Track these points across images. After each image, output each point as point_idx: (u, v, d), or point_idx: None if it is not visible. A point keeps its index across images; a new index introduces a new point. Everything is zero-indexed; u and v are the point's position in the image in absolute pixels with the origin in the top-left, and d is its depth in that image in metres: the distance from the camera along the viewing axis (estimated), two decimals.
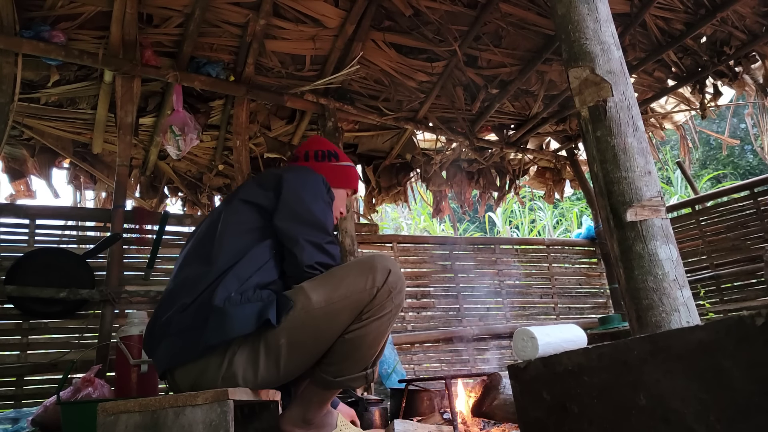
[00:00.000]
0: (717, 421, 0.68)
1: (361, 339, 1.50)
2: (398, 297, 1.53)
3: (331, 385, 1.54)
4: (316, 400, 1.56)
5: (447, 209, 4.70)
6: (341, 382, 1.53)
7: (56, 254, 2.93)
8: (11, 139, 3.20)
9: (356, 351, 1.51)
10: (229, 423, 1.18)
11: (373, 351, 1.54)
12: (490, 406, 1.86)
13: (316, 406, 1.56)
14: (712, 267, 4.31)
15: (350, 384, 1.54)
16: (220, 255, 1.50)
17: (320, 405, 1.57)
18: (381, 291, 1.49)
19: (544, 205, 9.40)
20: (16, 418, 2.36)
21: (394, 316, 1.55)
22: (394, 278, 1.52)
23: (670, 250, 1.25)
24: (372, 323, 1.49)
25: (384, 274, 1.50)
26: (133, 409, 1.24)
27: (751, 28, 3.60)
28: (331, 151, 1.96)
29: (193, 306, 1.44)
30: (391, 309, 1.51)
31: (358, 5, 3.08)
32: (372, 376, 1.57)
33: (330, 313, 1.46)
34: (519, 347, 1.06)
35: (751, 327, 0.65)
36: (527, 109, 4.19)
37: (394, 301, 1.52)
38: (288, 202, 1.59)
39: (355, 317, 1.49)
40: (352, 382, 1.54)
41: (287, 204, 1.59)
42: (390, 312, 1.52)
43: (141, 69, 2.94)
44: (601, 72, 1.36)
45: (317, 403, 1.56)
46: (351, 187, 2.00)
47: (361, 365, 1.54)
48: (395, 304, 1.53)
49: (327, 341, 1.50)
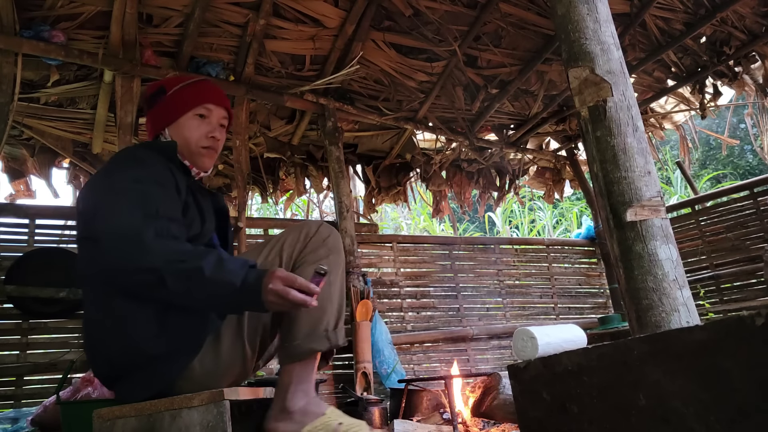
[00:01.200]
0: (717, 422, 0.68)
1: None
2: (333, 242, 1.47)
3: (293, 352, 1.40)
4: (289, 382, 1.41)
5: (447, 209, 4.70)
6: (299, 345, 1.40)
7: (56, 254, 2.93)
8: (11, 139, 3.20)
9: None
10: (226, 423, 1.18)
11: (322, 304, 1.39)
12: (490, 406, 1.86)
13: (292, 390, 1.40)
14: (712, 267, 4.31)
15: (313, 345, 1.40)
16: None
17: (296, 389, 1.40)
18: (313, 238, 1.46)
19: (544, 205, 9.40)
20: (15, 417, 2.36)
21: (336, 264, 1.46)
22: (326, 229, 1.49)
23: (669, 250, 1.25)
24: (307, 268, 1.41)
25: (316, 226, 1.49)
26: (128, 414, 1.24)
27: (751, 28, 3.60)
28: (154, 92, 1.63)
29: None
30: (327, 255, 1.44)
31: (358, 5, 3.08)
32: (335, 338, 1.43)
33: (266, 268, 1.36)
34: (519, 347, 1.06)
35: (751, 327, 0.65)
36: (527, 109, 4.19)
37: (329, 245, 1.46)
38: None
39: (292, 268, 1.43)
40: (314, 343, 1.40)
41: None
42: (326, 258, 1.43)
43: (141, 69, 2.94)
44: (600, 72, 1.36)
45: (293, 386, 1.40)
46: (198, 103, 1.59)
47: (317, 322, 1.41)
48: (331, 251, 1.46)
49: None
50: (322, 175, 4.05)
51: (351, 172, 4.31)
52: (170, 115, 1.59)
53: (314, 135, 3.88)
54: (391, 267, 4.13)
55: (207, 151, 1.61)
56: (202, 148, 1.59)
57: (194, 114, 1.59)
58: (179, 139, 1.57)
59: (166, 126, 1.59)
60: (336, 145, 3.55)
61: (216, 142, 1.62)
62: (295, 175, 4.02)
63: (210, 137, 1.60)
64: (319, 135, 3.78)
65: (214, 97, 1.63)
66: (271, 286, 1.21)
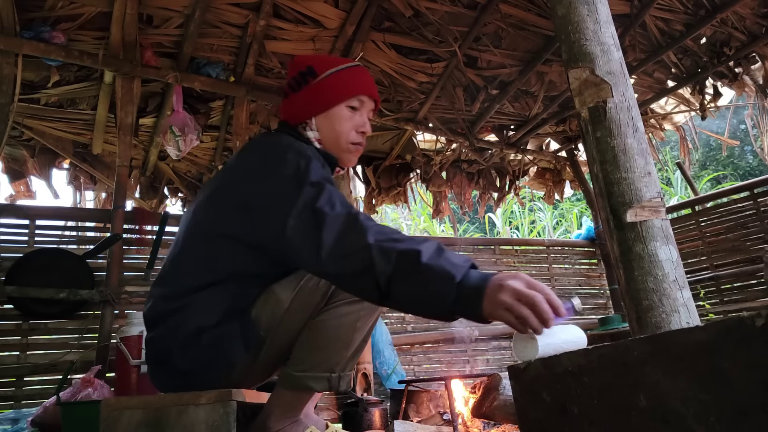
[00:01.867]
0: (717, 422, 0.68)
1: (325, 324, 1.33)
2: None
3: (291, 381, 1.36)
4: (278, 403, 1.38)
5: (447, 210, 4.70)
6: (300, 378, 1.34)
7: (56, 255, 2.93)
8: (11, 140, 3.20)
9: (319, 339, 1.34)
10: (231, 424, 1.18)
11: (339, 346, 1.33)
12: (490, 407, 1.86)
13: (278, 411, 1.37)
14: (712, 268, 4.31)
15: (310, 383, 1.34)
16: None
17: (283, 411, 1.37)
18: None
19: (544, 206, 9.40)
20: (15, 418, 2.36)
21: (368, 311, 1.35)
22: None
23: (670, 250, 1.24)
24: (342, 306, 1.32)
25: None
26: (136, 406, 1.25)
27: (751, 29, 3.60)
28: (303, 71, 1.46)
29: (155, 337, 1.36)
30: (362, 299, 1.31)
31: (358, 6, 3.08)
32: (337, 383, 1.35)
33: (301, 300, 1.32)
34: (519, 348, 1.06)
35: (751, 328, 0.65)
36: (527, 109, 4.19)
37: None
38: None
39: (325, 304, 1.34)
40: (312, 382, 1.34)
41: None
42: (360, 302, 1.32)
43: (141, 70, 2.94)
44: (601, 73, 1.36)
45: (281, 407, 1.38)
46: (352, 94, 1.46)
47: (326, 362, 1.35)
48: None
49: (300, 327, 1.36)
50: None
51: (351, 172, 4.31)
52: (321, 104, 1.45)
53: None
54: None
55: (356, 147, 1.50)
56: (352, 144, 1.48)
57: (347, 105, 1.46)
58: (328, 131, 1.45)
59: (314, 115, 1.45)
60: None
61: (365, 137, 1.51)
62: None
63: (360, 132, 1.49)
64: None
65: (369, 88, 1.51)
66: (502, 293, 0.97)
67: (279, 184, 1.23)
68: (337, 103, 1.45)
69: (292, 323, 1.36)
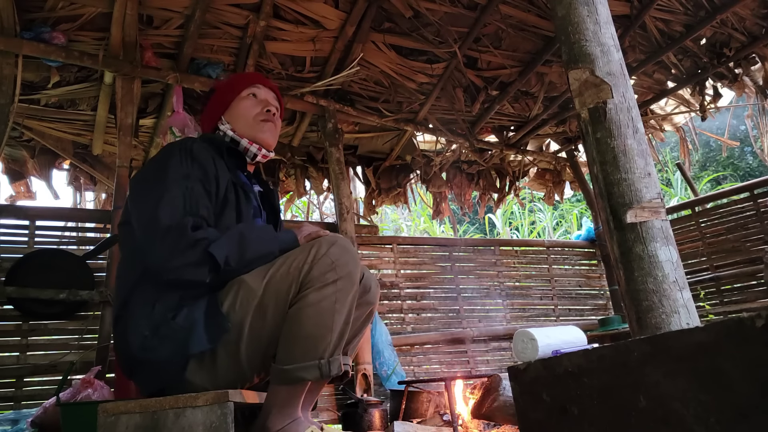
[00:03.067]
0: (717, 423, 0.68)
1: (302, 312, 1.36)
2: (343, 269, 1.38)
3: (282, 376, 1.37)
4: (273, 403, 1.39)
5: (447, 211, 4.70)
6: (290, 371, 1.36)
7: (56, 255, 2.93)
8: (11, 141, 3.20)
9: (300, 328, 1.37)
10: (229, 425, 1.18)
11: (321, 331, 1.36)
12: (490, 407, 1.86)
13: (276, 410, 1.38)
14: (712, 269, 4.30)
15: (301, 374, 1.36)
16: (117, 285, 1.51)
17: (280, 410, 1.38)
18: (322, 259, 1.37)
19: (544, 207, 9.40)
20: (15, 419, 2.35)
21: (343, 292, 1.39)
22: (337, 249, 1.40)
23: (670, 251, 1.25)
24: (311, 293, 1.36)
25: (327, 246, 1.40)
26: (133, 410, 1.25)
27: (751, 30, 3.60)
28: (207, 93, 1.85)
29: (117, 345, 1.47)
30: (335, 280, 1.37)
31: (358, 7, 3.09)
32: (327, 368, 1.37)
33: (271, 289, 1.38)
34: (519, 349, 1.06)
35: (751, 329, 0.65)
36: (527, 110, 4.19)
37: (338, 272, 1.37)
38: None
39: (297, 291, 1.38)
40: (303, 372, 1.35)
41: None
42: (333, 283, 1.37)
43: (141, 70, 2.94)
44: (600, 74, 1.36)
45: (276, 408, 1.39)
46: (244, 86, 1.75)
47: (313, 349, 1.36)
48: (340, 276, 1.38)
49: (276, 318, 1.39)
50: (322, 177, 4.05)
51: (351, 173, 4.31)
52: (223, 103, 1.73)
53: (314, 136, 3.89)
54: (392, 268, 4.13)
55: (266, 124, 1.72)
56: (261, 121, 1.71)
57: (246, 94, 1.74)
58: (236, 119, 1.71)
59: (221, 114, 1.73)
60: (336, 147, 3.55)
61: (272, 115, 1.74)
62: (295, 176, 4.02)
63: (265, 111, 1.72)
64: (319, 136, 3.78)
65: (260, 80, 1.80)
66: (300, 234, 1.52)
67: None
68: (235, 97, 1.73)
69: (269, 313, 1.39)
